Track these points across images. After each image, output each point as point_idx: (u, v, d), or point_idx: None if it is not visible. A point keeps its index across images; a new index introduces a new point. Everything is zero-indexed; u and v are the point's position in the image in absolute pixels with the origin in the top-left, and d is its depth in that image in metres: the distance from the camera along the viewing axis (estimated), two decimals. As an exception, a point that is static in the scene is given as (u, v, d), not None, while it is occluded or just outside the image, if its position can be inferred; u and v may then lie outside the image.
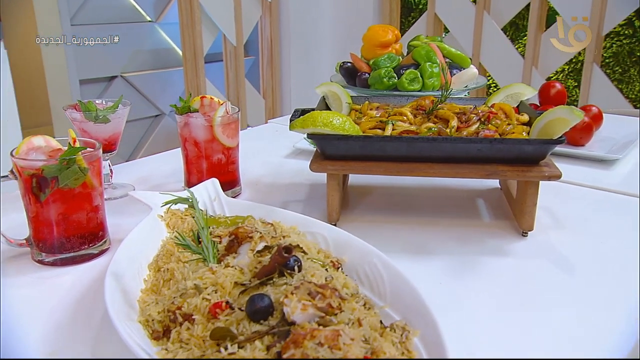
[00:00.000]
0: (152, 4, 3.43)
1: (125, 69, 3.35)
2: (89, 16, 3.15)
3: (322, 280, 0.57)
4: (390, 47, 1.35)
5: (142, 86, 3.39)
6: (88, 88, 3.17)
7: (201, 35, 3.07)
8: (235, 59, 3.32)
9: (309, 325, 0.50)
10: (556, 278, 0.73)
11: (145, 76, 3.44)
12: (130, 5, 3.35)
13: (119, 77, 3.33)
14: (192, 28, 3.05)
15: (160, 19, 3.48)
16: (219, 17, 3.17)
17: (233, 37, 3.25)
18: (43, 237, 0.73)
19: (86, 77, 3.17)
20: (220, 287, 0.57)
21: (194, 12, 3.03)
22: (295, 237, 0.68)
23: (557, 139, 0.77)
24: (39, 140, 0.74)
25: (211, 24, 3.16)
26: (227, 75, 3.38)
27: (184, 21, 3.05)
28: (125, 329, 0.52)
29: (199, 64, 3.11)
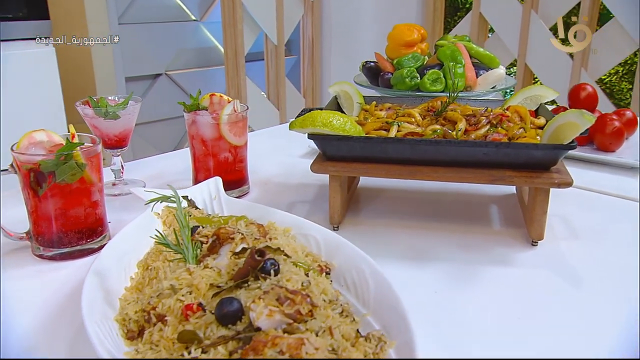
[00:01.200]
0: (197, 3, 3.48)
1: (170, 67, 3.41)
2: (136, 15, 3.23)
3: (298, 285, 0.55)
4: (416, 47, 1.31)
5: (185, 84, 3.44)
6: (133, 85, 3.25)
7: (242, 34, 3.10)
8: (276, 58, 3.33)
9: (273, 332, 0.48)
10: (559, 291, 0.69)
11: (189, 74, 3.49)
12: (176, 5, 3.41)
13: (164, 74, 3.40)
14: (234, 27, 3.08)
15: (204, 18, 3.53)
16: (261, 16, 3.19)
17: (274, 36, 3.27)
18: (42, 231, 0.74)
19: (132, 74, 3.25)
20: (195, 288, 0.56)
21: (236, 11, 3.06)
22: (282, 240, 0.66)
23: (567, 145, 0.73)
24: (41, 135, 0.75)
25: (253, 23, 3.18)
26: (268, 74, 3.40)
27: (226, 20, 3.08)
28: (94, 327, 0.52)
29: (239, 62, 3.14)
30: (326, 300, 0.56)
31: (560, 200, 0.94)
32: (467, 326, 0.62)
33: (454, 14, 4.21)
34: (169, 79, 3.41)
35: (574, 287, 0.70)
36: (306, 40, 3.50)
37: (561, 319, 0.63)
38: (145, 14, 3.26)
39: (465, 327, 0.62)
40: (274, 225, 0.74)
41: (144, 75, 3.33)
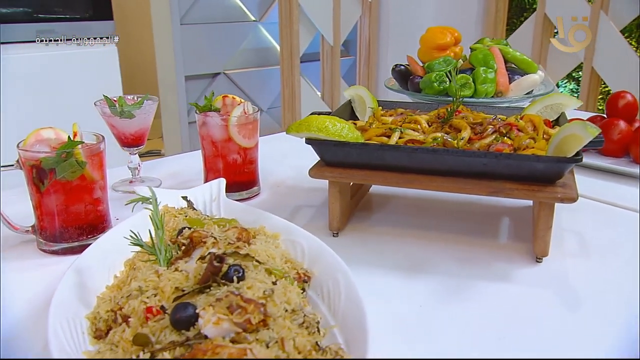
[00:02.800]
0: (257, 3, 3.53)
1: (228, 66, 3.49)
2: (197, 16, 3.32)
3: (259, 294, 0.54)
4: (449, 50, 1.28)
5: (242, 83, 3.51)
6: (192, 84, 3.35)
7: (298, 35, 3.12)
8: (331, 58, 3.33)
9: (217, 341, 0.48)
10: (552, 313, 0.65)
11: (247, 73, 3.56)
12: (236, 5, 3.48)
13: (222, 74, 3.48)
14: (290, 27, 3.11)
15: (263, 18, 3.58)
16: (317, 17, 3.20)
17: (330, 37, 3.27)
18: (45, 226, 0.77)
19: (191, 73, 3.34)
20: (161, 291, 0.56)
21: (293, 12, 3.08)
22: (262, 245, 0.66)
23: (571, 158, 0.68)
24: (49, 133, 0.78)
25: (309, 23, 3.20)
26: (323, 74, 3.40)
27: (283, 20, 3.11)
28: (56, 324, 0.53)
29: (294, 62, 3.16)
30: (288, 310, 0.55)
31: (578, 214, 0.89)
32: (440, 343, 0.59)
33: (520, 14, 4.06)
34: (227, 78, 3.48)
35: (569, 309, 0.66)
36: (363, 41, 3.48)
37: (546, 342, 0.59)
38: (206, 14, 3.34)
39: (438, 343, 0.59)
40: (264, 230, 0.74)
41: (203, 74, 3.42)
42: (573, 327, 0.62)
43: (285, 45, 3.14)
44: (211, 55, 3.38)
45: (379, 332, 0.60)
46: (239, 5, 3.46)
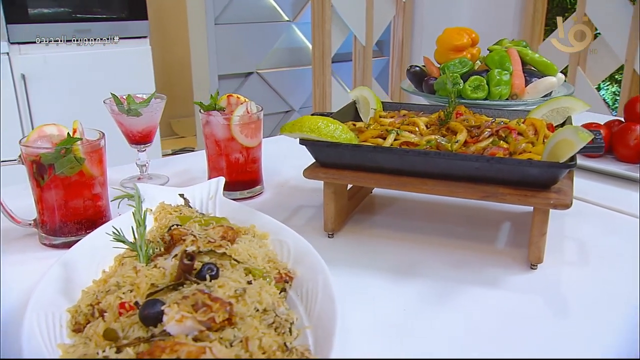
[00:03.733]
0: (291, 3, 3.55)
1: (261, 66, 3.52)
2: (231, 16, 3.36)
3: (230, 292, 0.55)
4: (465, 51, 1.25)
5: (275, 83, 3.53)
6: (225, 83, 3.39)
7: (330, 35, 3.12)
8: (363, 58, 3.32)
9: (179, 339, 0.49)
10: (537, 321, 0.63)
11: (279, 73, 3.58)
12: (270, 5, 3.50)
13: (255, 73, 3.51)
14: (322, 27, 3.11)
15: (297, 18, 3.60)
16: (350, 17, 3.19)
17: (363, 37, 3.26)
18: (45, 220, 0.80)
19: (225, 72, 3.39)
20: (137, 287, 0.57)
21: (325, 12, 3.09)
22: (246, 245, 0.66)
23: (564, 163, 0.66)
24: (52, 129, 0.80)
25: (342, 23, 3.19)
26: (355, 74, 3.39)
27: (315, 20, 3.12)
28: (32, 315, 0.54)
29: (326, 62, 3.16)
30: (259, 310, 0.56)
31: (584, 221, 0.87)
32: (415, 347, 0.58)
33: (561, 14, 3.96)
34: (260, 78, 3.52)
35: (556, 317, 0.64)
36: (396, 42, 3.46)
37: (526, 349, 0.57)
38: (240, 14, 3.38)
39: (413, 347, 0.58)
40: (253, 229, 0.75)
41: (236, 73, 3.46)
42: (557, 336, 0.60)
43: (317, 45, 3.14)
44: (244, 55, 3.42)
45: (357, 334, 0.60)
46: (272, 5, 3.49)
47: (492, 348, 0.58)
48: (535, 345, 0.58)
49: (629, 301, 0.66)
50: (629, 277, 0.71)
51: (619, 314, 0.64)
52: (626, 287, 0.69)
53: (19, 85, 2.50)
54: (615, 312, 0.64)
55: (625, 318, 0.63)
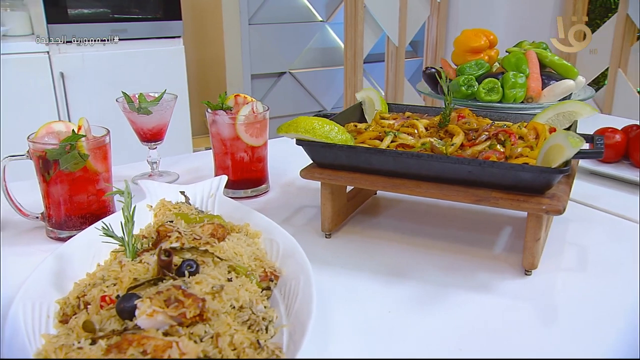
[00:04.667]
0: (325, 4, 3.56)
1: (294, 65, 3.54)
2: (265, 16, 3.39)
3: (207, 289, 0.56)
4: (483, 53, 1.24)
5: (307, 83, 3.55)
6: (258, 83, 3.43)
7: (362, 35, 3.11)
8: (396, 59, 3.30)
9: (149, 332, 0.50)
10: (525, 326, 0.62)
11: (312, 73, 3.60)
12: (304, 6, 3.52)
13: (287, 73, 3.53)
14: (355, 27, 3.10)
15: (330, 18, 3.60)
16: (383, 17, 3.17)
17: (396, 38, 3.24)
18: (51, 214, 0.82)
19: (258, 72, 3.42)
20: (120, 281, 0.59)
21: (358, 12, 3.08)
22: (231, 242, 0.67)
23: (558, 169, 0.65)
24: (60, 126, 0.83)
25: (375, 24, 3.18)
26: (387, 75, 3.37)
27: (348, 21, 3.11)
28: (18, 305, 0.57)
29: (357, 63, 3.15)
30: (235, 307, 0.56)
31: (589, 227, 0.85)
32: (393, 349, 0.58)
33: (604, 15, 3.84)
34: (292, 78, 3.54)
35: (543, 325, 0.62)
36: (430, 42, 3.42)
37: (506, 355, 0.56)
38: (274, 14, 3.41)
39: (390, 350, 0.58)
40: (247, 228, 0.76)
41: (269, 73, 3.49)
42: (540, 344, 0.59)
43: (349, 46, 3.14)
44: (277, 55, 3.45)
45: (337, 334, 0.61)
46: (306, 6, 3.50)
47: (473, 353, 0.57)
48: (516, 353, 0.57)
49: (622, 311, 0.64)
50: (625, 286, 0.69)
51: (608, 324, 0.62)
52: (620, 297, 0.67)
53: (57, 83, 2.58)
54: (604, 322, 0.63)
55: (615, 329, 0.61)
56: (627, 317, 0.63)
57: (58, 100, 2.59)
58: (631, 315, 0.63)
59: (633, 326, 0.61)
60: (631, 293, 0.68)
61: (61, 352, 0.51)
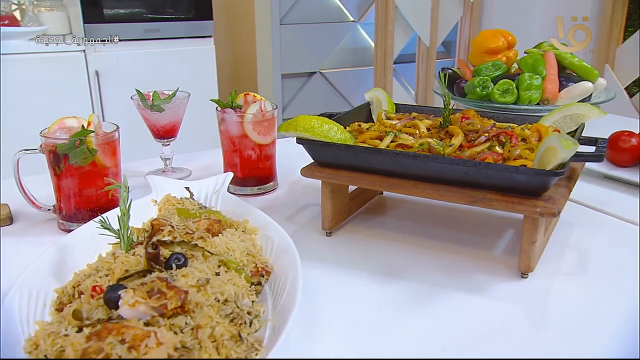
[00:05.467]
0: (357, 4, 3.56)
1: (324, 65, 3.55)
2: (297, 16, 3.41)
3: (192, 282, 0.57)
4: (501, 54, 1.22)
5: (337, 83, 3.55)
6: (288, 82, 3.45)
7: (393, 35, 3.10)
8: (427, 60, 3.27)
9: (130, 322, 0.51)
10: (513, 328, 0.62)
11: (342, 73, 3.60)
12: (336, 6, 3.53)
13: (318, 73, 3.54)
14: (385, 28, 3.09)
15: (362, 19, 3.60)
16: (414, 18, 3.15)
17: (427, 38, 3.21)
18: (62, 207, 0.85)
19: (288, 71, 3.44)
20: (112, 272, 0.61)
21: (388, 12, 3.07)
22: (224, 238, 0.68)
23: (552, 171, 0.64)
24: (72, 122, 0.86)
25: (406, 24, 3.16)
26: (418, 76, 3.35)
27: (379, 21, 3.10)
28: (15, 292, 0.59)
29: (387, 63, 3.14)
30: (220, 300, 0.58)
31: (594, 231, 0.84)
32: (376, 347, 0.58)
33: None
34: (323, 77, 3.55)
35: (533, 328, 0.62)
36: (462, 43, 3.38)
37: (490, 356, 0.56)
38: (306, 14, 3.43)
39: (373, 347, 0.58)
40: (245, 224, 0.77)
41: (299, 72, 3.51)
42: (528, 346, 0.58)
43: (380, 46, 3.13)
44: (308, 55, 3.46)
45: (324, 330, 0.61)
46: (338, 6, 3.51)
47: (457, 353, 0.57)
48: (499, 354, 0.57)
49: (615, 316, 0.63)
50: (621, 292, 0.68)
51: (600, 330, 0.61)
52: (615, 302, 0.66)
53: (92, 81, 2.66)
54: (596, 327, 0.62)
55: (608, 334, 0.60)
56: (620, 322, 0.62)
57: (93, 98, 2.67)
58: (625, 321, 0.62)
59: (626, 332, 0.60)
60: (627, 299, 0.66)
61: (49, 339, 0.53)
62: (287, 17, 3.38)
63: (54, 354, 0.51)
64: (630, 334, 0.60)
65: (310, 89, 3.52)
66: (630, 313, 0.63)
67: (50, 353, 0.52)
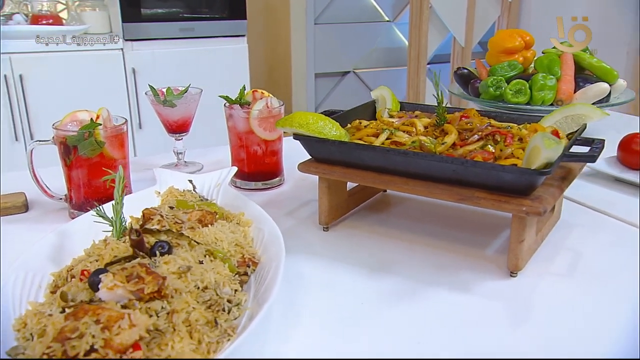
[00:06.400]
0: (392, 4, 3.55)
1: (358, 65, 3.55)
2: (332, 16, 3.43)
3: (173, 269, 0.59)
4: (518, 54, 1.21)
5: (371, 82, 3.55)
6: (321, 81, 3.47)
7: (427, 35, 3.08)
8: (462, 60, 3.24)
9: (108, 304, 0.54)
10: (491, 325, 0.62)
11: (376, 73, 3.59)
12: (371, 6, 3.53)
13: (351, 72, 3.55)
14: (419, 28, 3.08)
15: (397, 18, 3.59)
16: (449, 18, 3.13)
17: (462, 38, 3.18)
18: (72, 196, 0.89)
19: (321, 71, 3.46)
20: (101, 258, 0.64)
21: (423, 12, 3.05)
22: (214, 229, 0.70)
23: (538, 170, 0.63)
24: (84, 115, 0.90)
25: (441, 24, 3.14)
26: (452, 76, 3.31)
27: (413, 20, 3.09)
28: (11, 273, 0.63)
29: (421, 63, 3.13)
30: (200, 287, 0.60)
31: (595, 233, 0.83)
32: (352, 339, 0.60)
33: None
34: (356, 77, 3.55)
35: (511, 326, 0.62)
36: (498, 44, 3.32)
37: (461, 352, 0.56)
38: (341, 14, 3.44)
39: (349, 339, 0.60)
40: (240, 216, 0.79)
41: (333, 72, 3.52)
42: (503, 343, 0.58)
43: (413, 46, 3.12)
44: (342, 54, 3.48)
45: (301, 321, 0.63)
46: (373, 6, 3.51)
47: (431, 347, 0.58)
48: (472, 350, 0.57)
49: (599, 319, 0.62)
50: (610, 294, 0.67)
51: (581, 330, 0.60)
52: (602, 305, 0.65)
53: (129, 78, 2.74)
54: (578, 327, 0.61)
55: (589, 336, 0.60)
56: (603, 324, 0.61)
57: (129, 94, 2.75)
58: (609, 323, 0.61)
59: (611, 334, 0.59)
60: (616, 301, 0.65)
61: (35, 318, 0.56)
62: (321, 17, 3.41)
63: (37, 331, 0.54)
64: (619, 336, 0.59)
65: (343, 88, 3.53)
66: (616, 315, 0.63)
67: (35, 331, 0.55)
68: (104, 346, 0.49)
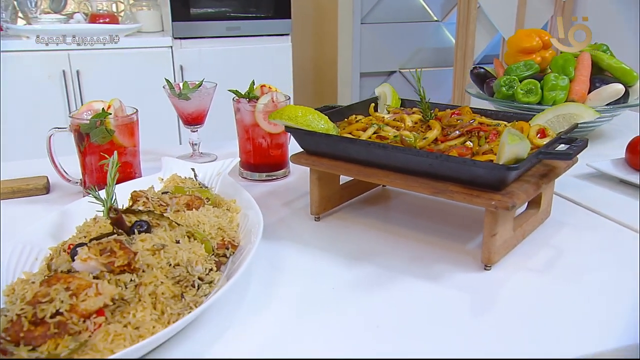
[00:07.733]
0: (441, 4, 3.52)
1: (405, 65, 3.54)
2: (378, 16, 3.43)
3: (147, 246, 0.64)
4: (535, 54, 1.19)
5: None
6: (366, 80, 3.48)
7: (474, 35, 3.04)
8: (509, 61, 3.17)
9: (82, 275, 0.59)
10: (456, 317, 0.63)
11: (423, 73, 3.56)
12: (420, 5, 3.51)
13: (397, 72, 3.55)
14: (466, 27, 3.05)
15: (446, 18, 3.55)
16: (498, 18, 3.07)
17: (510, 39, 3.11)
18: (86, 181, 0.96)
19: (367, 70, 3.48)
20: (89, 234, 0.69)
21: (470, 12, 3.02)
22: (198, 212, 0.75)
23: (507, 165, 0.64)
24: (98, 105, 0.96)
25: (489, 24, 3.09)
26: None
27: (461, 20, 3.06)
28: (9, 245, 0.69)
29: (467, 63, 3.09)
30: (172, 264, 0.64)
31: (584, 233, 0.83)
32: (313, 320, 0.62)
33: None
34: (402, 77, 3.54)
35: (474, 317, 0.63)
36: (549, 44, 3.24)
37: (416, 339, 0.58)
38: (388, 14, 3.44)
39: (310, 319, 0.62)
40: (232, 203, 0.83)
41: (379, 71, 3.53)
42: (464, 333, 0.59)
43: (460, 46, 3.09)
44: (388, 54, 3.48)
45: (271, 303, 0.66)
46: (422, 5, 3.49)
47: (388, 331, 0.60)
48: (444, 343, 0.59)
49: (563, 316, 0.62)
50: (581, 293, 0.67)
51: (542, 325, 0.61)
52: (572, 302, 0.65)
53: (177, 75, 2.84)
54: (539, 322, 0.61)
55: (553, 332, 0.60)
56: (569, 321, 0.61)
57: (177, 90, 2.85)
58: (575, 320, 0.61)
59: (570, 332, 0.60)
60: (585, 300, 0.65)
61: (21, 284, 0.62)
62: (368, 17, 3.42)
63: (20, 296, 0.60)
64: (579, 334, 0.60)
65: (389, 88, 3.53)
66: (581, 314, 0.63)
67: (19, 296, 0.60)
68: (69, 310, 0.54)
